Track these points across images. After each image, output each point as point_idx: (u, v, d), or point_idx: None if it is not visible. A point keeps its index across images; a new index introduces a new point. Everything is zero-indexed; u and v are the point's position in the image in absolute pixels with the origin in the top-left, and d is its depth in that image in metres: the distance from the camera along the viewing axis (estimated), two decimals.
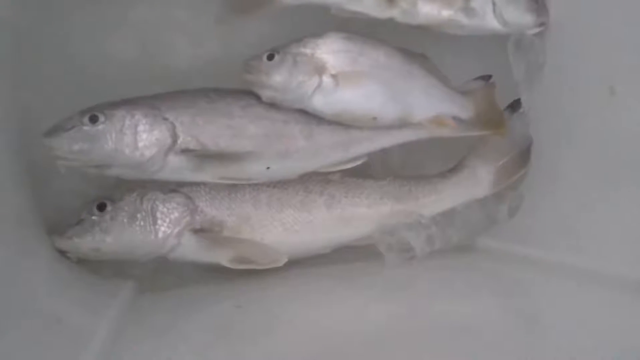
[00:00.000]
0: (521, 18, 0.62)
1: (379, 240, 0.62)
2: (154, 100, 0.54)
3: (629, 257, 0.53)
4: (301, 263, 0.61)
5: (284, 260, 0.58)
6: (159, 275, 0.59)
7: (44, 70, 0.60)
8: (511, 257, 0.63)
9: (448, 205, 0.65)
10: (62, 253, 0.56)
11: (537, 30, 0.64)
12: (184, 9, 0.63)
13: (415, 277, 0.61)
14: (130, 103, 0.53)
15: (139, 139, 0.51)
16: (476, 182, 0.66)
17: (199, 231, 0.56)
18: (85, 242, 0.54)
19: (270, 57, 0.55)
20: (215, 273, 0.58)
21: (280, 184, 0.60)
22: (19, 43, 0.58)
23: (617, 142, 0.56)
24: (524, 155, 0.66)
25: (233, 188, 0.58)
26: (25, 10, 0.59)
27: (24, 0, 0.59)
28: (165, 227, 0.55)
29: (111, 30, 0.62)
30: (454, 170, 0.66)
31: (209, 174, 0.54)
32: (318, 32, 0.57)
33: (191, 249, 0.56)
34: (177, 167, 0.53)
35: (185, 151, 0.53)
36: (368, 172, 0.64)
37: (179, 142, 0.52)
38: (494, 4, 0.61)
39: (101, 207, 0.55)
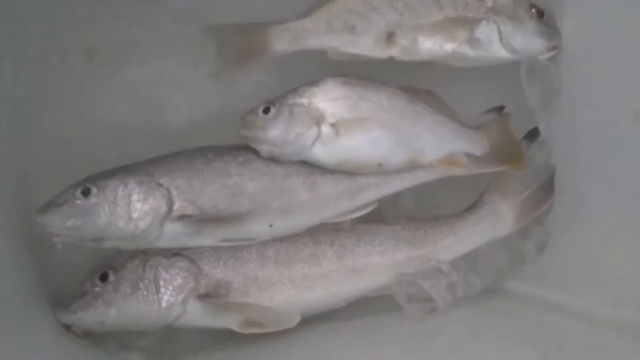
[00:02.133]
0: (531, 44, 0.59)
1: (396, 290, 0.58)
2: (148, 166, 0.52)
3: None
4: (315, 320, 0.57)
5: (296, 320, 0.54)
6: (167, 344, 0.56)
7: (40, 140, 0.59)
8: (542, 303, 0.58)
9: (469, 247, 0.61)
10: (67, 327, 0.54)
11: (549, 54, 0.60)
12: (178, 65, 0.62)
13: (439, 330, 0.57)
14: (123, 171, 0.52)
15: (133, 210, 0.49)
16: (498, 220, 0.61)
17: (204, 296, 0.53)
18: (89, 316, 0.52)
19: (266, 110, 0.53)
20: (225, 337, 0.56)
21: (288, 237, 0.57)
22: (15, 114, 0.58)
23: None
24: (547, 187, 0.62)
25: (238, 246, 0.55)
26: (21, 81, 0.59)
27: (20, 71, 0.59)
28: (168, 296, 0.52)
29: (106, 92, 0.61)
30: (472, 208, 0.62)
31: (209, 238, 0.52)
32: (315, 79, 0.55)
33: (197, 316, 0.53)
34: (174, 235, 0.51)
35: (182, 217, 0.51)
36: (380, 216, 0.60)
37: (174, 208, 0.50)
38: (500, 32, 0.57)
39: (104, 278, 0.53)
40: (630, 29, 0.53)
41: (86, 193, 0.49)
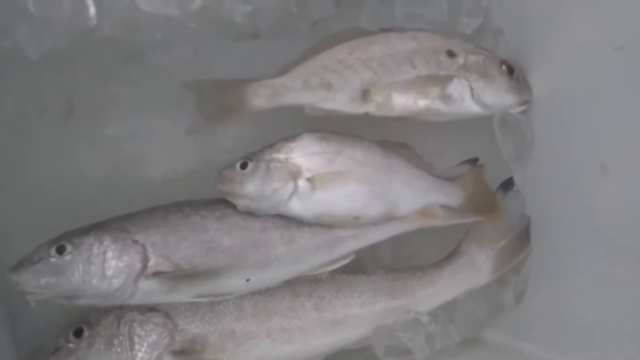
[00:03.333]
0: (502, 100, 0.60)
1: (375, 343, 0.58)
2: (123, 222, 0.52)
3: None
4: None
5: None
6: None
7: (16, 194, 0.59)
8: (520, 354, 0.58)
9: (447, 298, 0.61)
10: None
11: (521, 108, 0.62)
12: (157, 121, 0.63)
13: None
14: (99, 228, 0.51)
15: (107, 268, 0.49)
16: (475, 269, 0.62)
17: (178, 353, 0.52)
18: None
19: (244, 166, 0.53)
20: None
21: (266, 290, 0.56)
22: None
23: (613, 225, 0.52)
24: (523, 236, 0.62)
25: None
26: None
27: None
28: (142, 353, 0.51)
29: (84, 147, 0.61)
30: (450, 258, 0.62)
31: (184, 294, 0.51)
32: (292, 134, 0.56)
33: None
34: (149, 292, 0.51)
35: (157, 274, 0.50)
36: (358, 266, 0.60)
37: (149, 265, 0.50)
38: (471, 88, 0.59)
39: (77, 333, 0.52)
40: (596, 84, 0.55)
41: (61, 251, 0.49)
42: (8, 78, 0.60)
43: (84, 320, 0.53)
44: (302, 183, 0.54)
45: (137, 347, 0.52)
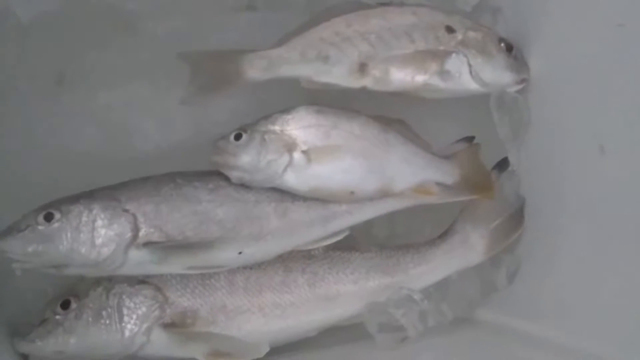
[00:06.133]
0: (500, 77, 0.60)
1: (368, 319, 0.58)
2: (114, 191, 0.51)
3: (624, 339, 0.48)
4: (285, 349, 0.56)
5: (265, 350, 0.53)
6: None
7: (6, 164, 0.57)
8: (513, 332, 0.58)
9: (440, 276, 0.60)
10: (25, 357, 0.52)
11: (518, 87, 0.61)
12: (149, 91, 0.61)
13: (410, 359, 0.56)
14: (88, 196, 0.50)
15: (96, 236, 0.48)
16: (469, 248, 0.61)
17: (169, 326, 0.52)
18: (48, 345, 0.50)
19: (238, 137, 0.53)
20: None
21: (258, 264, 0.56)
22: None
23: (608, 206, 0.52)
24: (517, 216, 0.62)
25: (206, 273, 0.54)
26: None
27: None
28: (132, 325, 0.51)
29: (75, 117, 0.60)
30: (443, 236, 0.62)
31: (175, 266, 0.51)
32: (288, 107, 0.55)
33: (161, 346, 0.52)
34: (139, 262, 0.50)
35: (147, 244, 0.49)
36: (352, 243, 0.59)
37: (140, 234, 0.49)
38: (470, 65, 0.59)
39: (65, 305, 0.51)
40: (595, 63, 0.55)
41: (49, 218, 0.48)
42: None
43: (72, 292, 0.53)
44: (297, 155, 0.53)
45: (126, 319, 0.51)
